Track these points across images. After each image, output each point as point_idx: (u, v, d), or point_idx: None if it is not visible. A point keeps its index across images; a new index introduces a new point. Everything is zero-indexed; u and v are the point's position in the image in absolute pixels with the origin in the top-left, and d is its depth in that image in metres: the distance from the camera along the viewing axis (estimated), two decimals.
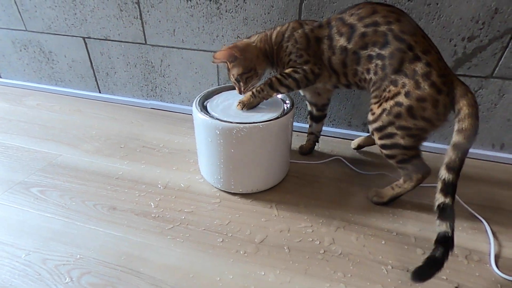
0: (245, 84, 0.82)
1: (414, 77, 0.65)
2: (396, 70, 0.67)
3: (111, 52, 1.25)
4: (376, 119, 0.71)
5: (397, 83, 0.67)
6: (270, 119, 0.76)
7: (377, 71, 0.69)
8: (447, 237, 0.61)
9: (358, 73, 0.73)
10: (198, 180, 0.91)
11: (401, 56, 0.66)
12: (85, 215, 0.78)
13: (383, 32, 0.67)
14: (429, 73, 0.65)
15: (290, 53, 0.77)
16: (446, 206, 0.63)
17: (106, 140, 1.09)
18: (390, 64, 0.67)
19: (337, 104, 1.11)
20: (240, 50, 0.77)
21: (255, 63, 0.80)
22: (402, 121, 0.68)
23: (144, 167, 0.97)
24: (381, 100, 0.70)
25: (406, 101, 0.66)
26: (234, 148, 0.76)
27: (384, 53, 0.68)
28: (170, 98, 1.30)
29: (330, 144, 1.12)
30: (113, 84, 1.33)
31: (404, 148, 0.71)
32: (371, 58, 0.70)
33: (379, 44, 0.68)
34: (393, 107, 0.68)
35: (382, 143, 0.73)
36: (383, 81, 0.69)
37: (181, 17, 1.09)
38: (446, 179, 0.64)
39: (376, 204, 0.84)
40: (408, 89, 0.66)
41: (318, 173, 0.96)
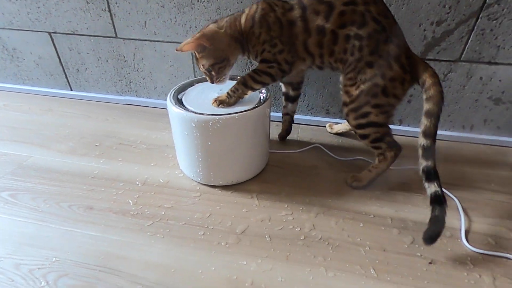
0: (217, 74, 0.78)
1: (387, 59, 0.69)
2: (372, 52, 0.69)
3: (80, 47, 1.19)
4: (353, 100, 0.74)
5: (373, 64, 0.70)
6: (246, 110, 0.76)
7: (354, 52, 0.70)
8: (439, 195, 0.67)
9: (335, 53, 0.73)
10: (177, 175, 0.90)
11: (377, 37, 0.69)
12: (60, 217, 0.75)
13: (361, 12, 0.68)
14: (399, 55, 0.70)
15: (264, 41, 0.75)
16: (429, 169, 0.69)
17: (80, 139, 1.06)
18: (367, 45, 0.69)
19: (315, 93, 1.12)
20: (209, 39, 0.73)
21: (227, 52, 0.76)
22: (377, 100, 0.72)
23: (121, 164, 0.94)
24: (357, 82, 0.72)
25: (381, 82, 0.70)
26: (211, 141, 0.76)
27: (362, 33, 0.69)
28: (145, 93, 1.26)
29: (309, 133, 1.13)
30: (84, 80, 1.28)
31: (378, 125, 0.75)
32: (348, 38, 0.70)
33: (357, 24, 0.68)
34: (371, 88, 0.71)
35: (358, 122, 0.76)
36: (359, 62, 0.71)
37: (152, 8, 1.05)
38: (425, 145, 0.70)
39: (356, 188, 0.86)
40: (383, 71, 0.70)
41: (298, 161, 0.97)
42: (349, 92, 0.74)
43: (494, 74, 0.96)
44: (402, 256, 0.68)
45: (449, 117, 1.07)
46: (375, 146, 0.79)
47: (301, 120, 1.17)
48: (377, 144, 0.79)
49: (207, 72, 0.79)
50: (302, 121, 1.17)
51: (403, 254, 0.68)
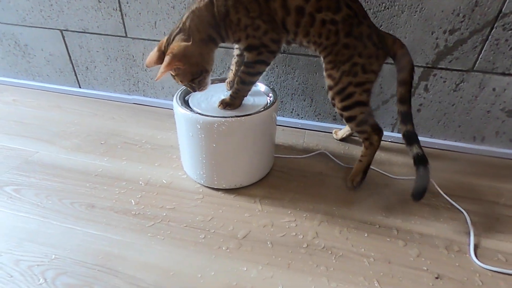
0: (199, 85, 0.74)
1: (362, 39, 0.72)
2: (347, 34, 0.71)
3: (90, 45, 1.21)
4: (337, 83, 0.75)
5: (349, 46, 0.72)
6: (252, 113, 0.75)
7: (330, 36, 0.72)
8: (421, 155, 0.74)
9: (309, 35, 0.72)
10: (180, 176, 0.89)
11: (350, 21, 0.71)
12: (62, 214, 0.75)
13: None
14: (370, 34, 0.73)
15: (246, 26, 0.69)
16: (409, 133, 0.76)
17: (86, 137, 1.06)
18: (342, 29, 0.71)
19: (322, 99, 1.10)
20: (180, 59, 0.67)
21: (202, 63, 0.71)
22: (358, 78, 0.74)
23: (125, 163, 0.94)
24: (338, 64, 0.74)
25: (360, 60, 0.73)
26: (216, 143, 0.75)
27: (337, 18, 0.70)
28: (153, 92, 1.27)
29: (316, 138, 1.11)
30: (93, 78, 1.29)
31: (362, 104, 0.77)
32: (324, 23, 0.70)
33: (332, 10, 0.69)
34: (351, 67, 0.73)
35: (344, 104, 0.77)
36: (335, 46, 0.72)
37: (162, 9, 1.06)
38: (403, 111, 0.76)
39: (358, 185, 0.87)
40: (360, 50, 0.73)
41: (303, 167, 0.96)
42: (332, 75, 0.76)
43: (508, 86, 0.93)
44: (408, 269, 0.66)
45: (459, 128, 1.04)
46: (361, 130, 0.81)
47: (308, 125, 1.15)
48: (363, 127, 0.81)
49: (188, 86, 0.75)
50: (308, 127, 1.16)
51: (409, 267, 0.66)
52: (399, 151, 1.07)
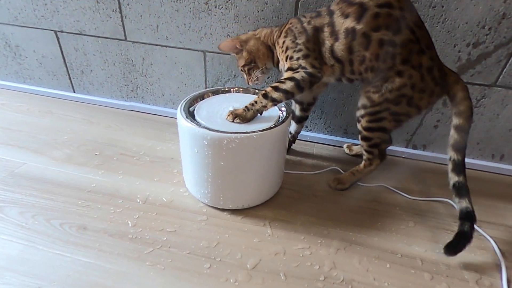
0: (248, 75, 0.83)
1: (420, 70, 0.67)
2: (405, 61, 0.67)
3: (86, 48, 1.13)
4: (374, 105, 0.72)
5: (403, 74, 0.67)
6: (265, 129, 0.68)
7: (387, 59, 0.67)
8: (469, 212, 0.66)
9: (366, 60, 0.68)
10: (182, 194, 0.82)
11: (411, 47, 0.66)
12: (49, 237, 0.67)
13: (396, 17, 0.64)
14: (432, 67, 0.68)
15: (287, 48, 0.73)
16: (461, 185, 0.68)
17: (79, 147, 0.98)
18: (401, 53, 0.66)
19: (333, 111, 1.04)
20: (241, 41, 0.80)
21: (254, 55, 0.80)
22: (398, 108, 0.71)
23: (122, 178, 0.86)
24: (382, 90, 0.70)
25: (410, 92, 0.69)
26: (224, 161, 0.68)
27: (396, 40, 0.65)
28: (152, 99, 1.19)
29: (325, 152, 1.05)
30: (89, 83, 1.21)
31: (385, 131, 0.76)
32: (382, 44, 0.66)
33: (392, 29, 0.65)
34: (397, 97, 0.69)
35: (369, 126, 0.75)
36: (389, 71, 0.68)
37: (166, 12, 0.99)
38: (456, 159, 0.69)
39: (339, 190, 0.87)
40: (415, 81, 0.67)
41: (314, 184, 0.89)
42: (371, 98, 0.72)
43: None
44: None
45: (478, 145, 0.99)
46: (370, 150, 0.80)
47: (317, 138, 1.09)
48: (373, 149, 0.80)
49: (243, 73, 0.85)
50: (317, 140, 1.09)
51: None
52: (414, 168, 1.01)
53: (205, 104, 0.78)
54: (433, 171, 1.00)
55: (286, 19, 0.90)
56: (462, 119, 0.69)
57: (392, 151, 1.05)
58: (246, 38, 0.81)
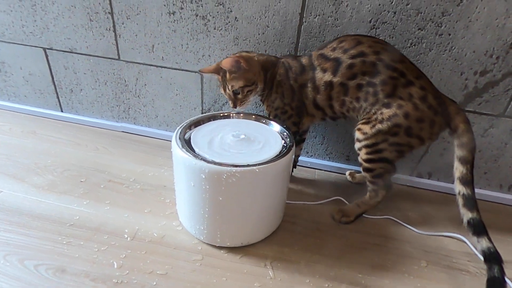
0: (244, 97, 0.77)
1: (411, 100, 0.67)
2: (390, 95, 0.68)
3: (77, 66, 1.07)
4: (368, 138, 0.71)
5: (391, 106, 0.68)
6: (268, 161, 0.62)
7: (368, 97, 0.70)
8: (493, 252, 0.61)
9: (346, 103, 0.73)
10: (175, 228, 0.75)
11: (394, 82, 0.67)
12: (21, 282, 0.59)
13: (371, 62, 0.68)
14: (425, 96, 0.67)
15: (277, 107, 0.79)
16: (476, 221, 0.65)
17: (63, 172, 0.90)
18: (383, 90, 0.68)
19: (335, 137, 1.00)
20: (246, 60, 0.73)
21: (257, 77, 0.77)
22: (396, 139, 0.69)
23: (109, 209, 0.79)
24: (372, 121, 0.70)
25: (405, 122, 0.67)
26: (223, 196, 0.62)
27: (375, 81, 0.68)
28: (145, 121, 1.13)
29: (328, 180, 1.00)
30: (78, 102, 1.15)
31: (387, 162, 0.73)
32: (360, 87, 0.70)
33: (368, 74, 0.68)
34: (391, 128, 0.68)
35: (369, 157, 0.73)
36: (374, 106, 0.70)
37: (162, 32, 0.95)
38: (466, 194, 0.66)
39: (343, 223, 0.81)
40: (407, 110, 0.67)
41: (317, 217, 0.83)
42: (362, 130, 0.72)
43: None
44: None
45: (485, 175, 0.95)
46: (374, 181, 0.77)
47: (318, 164, 1.04)
48: (377, 180, 0.77)
49: (233, 95, 0.77)
50: (319, 166, 1.04)
51: None
52: (420, 197, 0.96)
53: (202, 131, 0.72)
54: (439, 201, 0.95)
55: (288, 43, 0.87)
56: (466, 150, 0.68)
57: (396, 179, 1.00)
58: (248, 57, 0.76)
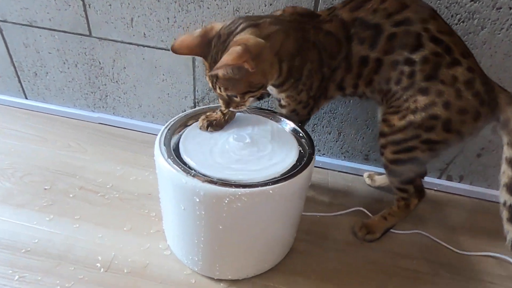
0: (243, 101, 0.53)
1: (454, 85, 0.53)
2: (429, 77, 0.54)
3: (39, 43, 0.87)
4: (396, 132, 0.58)
5: (428, 91, 0.54)
6: (284, 176, 0.47)
7: (401, 79, 0.55)
8: None
9: (374, 83, 0.58)
10: (162, 252, 0.60)
11: (436, 60, 0.53)
12: None
13: (416, 33, 0.53)
14: (472, 80, 0.53)
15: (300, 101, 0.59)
16: None
17: (24, 177, 0.73)
18: (422, 70, 0.54)
19: (354, 133, 0.84)
20: (254, 58, 0.46)
21: (267, 75, 0.52)
22: (432, 135, 0.56)
23: (78, 227, 0.63)
24: (402, 111, 0.56)
25: (444, 114, 0.54)
26: (224, 224, 0.46)
27: (415, 57, 0.54)
28: (126, 111, 0.95)
29: (343, 183, 0.85)
30: (44, 88, 0.96)
31: (418, 163, 0.61)
32: (395, 65, 0.55)
33: (408, 48, 0.54)
34: (426, 120, 0.55)
35: (396, 157, 0.60)
36: (406, 91, 0.56)
37: (143, 2, 0.75)
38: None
39: (368, 242, 0.69)
40: (447, 98, 0.53)
41: (334, 232, 0.69)
42: (389, 121, 0.58)
43: None
44: None
45: None
46: (402, 188, 0.65)
47: (332, 165, 0.89)
48: (406, 186, 0.65)
49: (226, 97, 0.53)
50: (332, 166, 0.89)
51: None
52: (451, 204, 0.83)
53: (195, 133, 0.55)
54: (474, 208, 0.82)
55: None
56: None
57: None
58: (258, 50, 0.48)
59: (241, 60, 0.45)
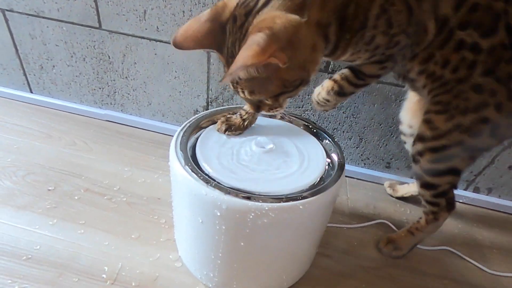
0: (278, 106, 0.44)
1: (508, 84, 0.47)
2: (488, 72, 0.46)
3: (46, 35, 0.83)
4: (440, 137, 0.50)
5: (482, 89, 0.47)
6: (315, 189, 0.42)
7: (459, 68, 0.46)
8: None
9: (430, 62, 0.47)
10: (172, 264, 0.55)
11: (500, 54, 0.45)
12: None
13: (495, 12, 0.44)
14: None
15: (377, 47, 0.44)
16: None
17: (26, 176, 0.69)
18: (484, 62, 0.45)
19: (376, 139, 0.79)
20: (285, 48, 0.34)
21: (309, 66, 0.40)
22: (477, 141, 0.50)
23: (83, 233, 0.59)
24: (450, 110, 0.49)
25: (495, 116, 0.48)
26: (246, 241, 0.41)
27: (482, 44, 0.44)
28: (135, 109, 0.91)
29: (363, 193, 0.80)
30: (50, 82, 0.92)
31: (457, 174, 0.55)
32: (460, 47, 0.45)
33: (481, 30, 0.44)
34: (475, 123, 0.48)
35: (433, 167, 0.53)
36: (459, 84, 0.48)
37: None
38: None
39: (394, 258, 0.64)
40: (500, 99, 0.47)
41: (357, 247, 0.64)
42: (433, 123, 0.50)
43: None
44: None
45: None
46: (435, 202, 0.58)
47: (350, 172, 0.84)
48: (439, 199, 0.58)
49: (254, 103, 0.44)
50: (351, 174, 0.85)
51: None
52: (479, 219, 0.78)
53: (212, 137, 0.51)
54: (503, 224, 0.77)
55: None
56: None
57: None
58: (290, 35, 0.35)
59: (264, 55, 0.33)
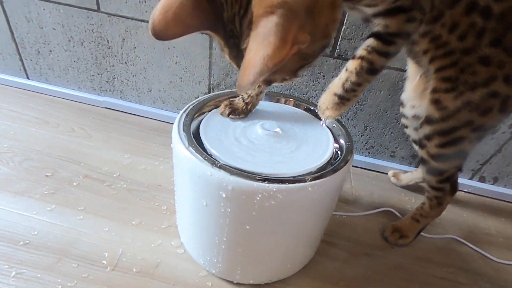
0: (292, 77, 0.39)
1: None
2: (495, 42, 0.43)
3: (42, 18, 0.81)
4: (448, 117, 0.47)
5: (490, 62, 0.43)
6: (323, 171, 0.40)
7: (467, 35, 0.43)
8: None
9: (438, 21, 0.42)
10: (175, 251, 0.54)
11: (509, 20, 0.42)
12: None
13: None
14: None
15: None
16: None
17: (24, 161, 0.67)
18: (493, 30, 0.42)
19: (381, 127, 0.78)
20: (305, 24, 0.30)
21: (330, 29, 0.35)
22: (486, 119, 0.47)
23: (82, 219, 0.57)
24: (459, 87, 0.46)
25: (505, 89, 0.45)
26: (252, 224, 0.40)
27: (495, 8, 0.41)
28: (135, 95, 0.89)
29: (366, 181, 0.79)
30: (47, 67, 0.89)
31: (464, 157, 0.55)
32: (472, 8, 0.41)
33: None
34: (485, 99, 0.45)
35: (441, 152, 0.51)
36: (465, 55, 0.44)
37: None
38: None
39: (400, 246, 0.63)
40: (508, 71, 0.44)
41: (362, 235, 0.63)
42: (441, 102, 0.47)
43: None
44: None
45: None
46: (440, 187, 0.57)
47: (354, 161, 0.83)
48: (444, 185, 0.57)
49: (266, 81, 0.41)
50: (354, 163, 0.83)
51: None
52: (484, 208, 0.77)
53: (216, 119, 0.49)
54: (509, 213, 0.76)
55: None
56: None
57: None
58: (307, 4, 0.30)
59: (286, 47, 0.28)
